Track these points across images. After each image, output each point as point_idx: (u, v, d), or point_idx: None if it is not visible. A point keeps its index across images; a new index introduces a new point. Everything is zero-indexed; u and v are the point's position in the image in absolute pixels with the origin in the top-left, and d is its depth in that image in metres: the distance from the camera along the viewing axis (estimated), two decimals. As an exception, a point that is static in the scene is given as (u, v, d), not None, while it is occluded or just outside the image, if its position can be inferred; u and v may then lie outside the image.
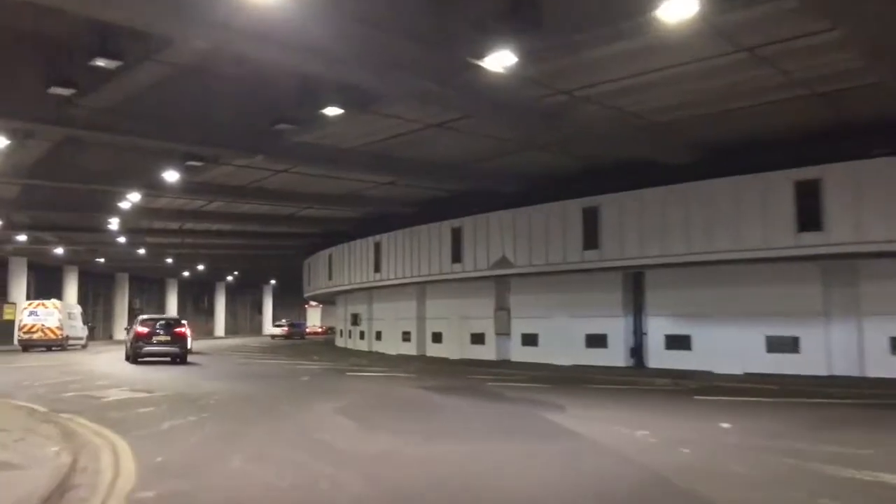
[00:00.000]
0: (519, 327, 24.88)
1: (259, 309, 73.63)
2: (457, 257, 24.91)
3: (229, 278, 62.74)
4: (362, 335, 35.37)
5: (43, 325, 32.41)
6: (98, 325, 53.83)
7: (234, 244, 38.53)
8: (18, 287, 39.67)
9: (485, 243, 23.71)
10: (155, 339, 23.16)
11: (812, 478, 6.97)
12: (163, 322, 24.48)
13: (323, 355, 31.58)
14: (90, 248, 38.51)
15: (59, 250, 37.03)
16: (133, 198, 22.14)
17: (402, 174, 20.88)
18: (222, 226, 31.67)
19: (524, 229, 22.29)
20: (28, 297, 42.15)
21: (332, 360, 27.40)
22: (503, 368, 21.84)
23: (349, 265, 33.64)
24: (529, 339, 24.36)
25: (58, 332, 32.55)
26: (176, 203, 25.57)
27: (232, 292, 68.80)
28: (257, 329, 73.43)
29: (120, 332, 52.27)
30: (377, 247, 30.07)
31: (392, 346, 31.52)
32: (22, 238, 31.56)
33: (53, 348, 32.72)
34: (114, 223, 27.68)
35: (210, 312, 66.92)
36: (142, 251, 39.67)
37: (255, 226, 31.73)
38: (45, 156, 17.43)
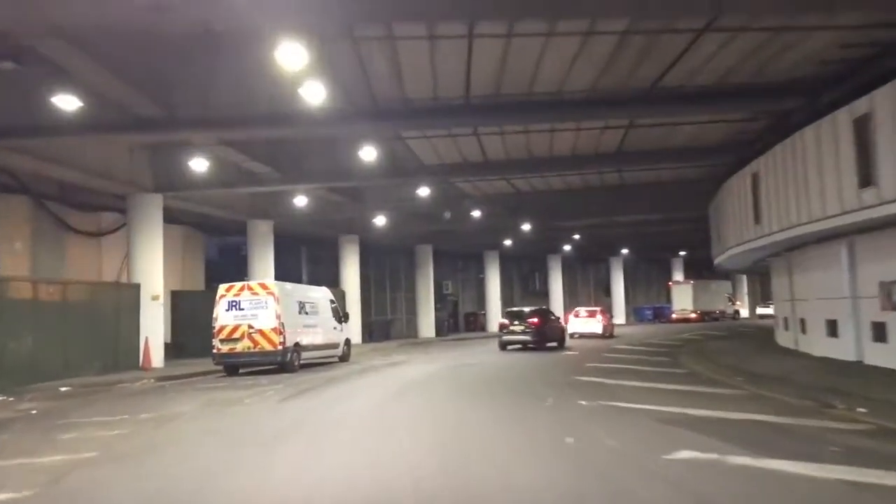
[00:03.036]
0: None
1: (606, 289, 55.59)
2: None
3: (567, 248, 45.44)
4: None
5: (250, 327, 17.81)
6: (399, 316, 40.33)
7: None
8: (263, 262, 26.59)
9: None
10: None
11: None
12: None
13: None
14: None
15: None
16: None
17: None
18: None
19: None
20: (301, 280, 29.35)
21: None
22: None
23: (796, 184, 15.63)
24: None
25: (275, 339, 17.72)
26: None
27: (570, 267, 51.71)
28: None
29: (426, 326, 38.09)
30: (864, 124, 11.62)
31: None
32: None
33: (270, 367, 18.14)
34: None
35: (543, 294, 50.66)
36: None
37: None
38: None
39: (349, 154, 18.96)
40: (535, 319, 24.79)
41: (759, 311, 58.23)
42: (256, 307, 18.09)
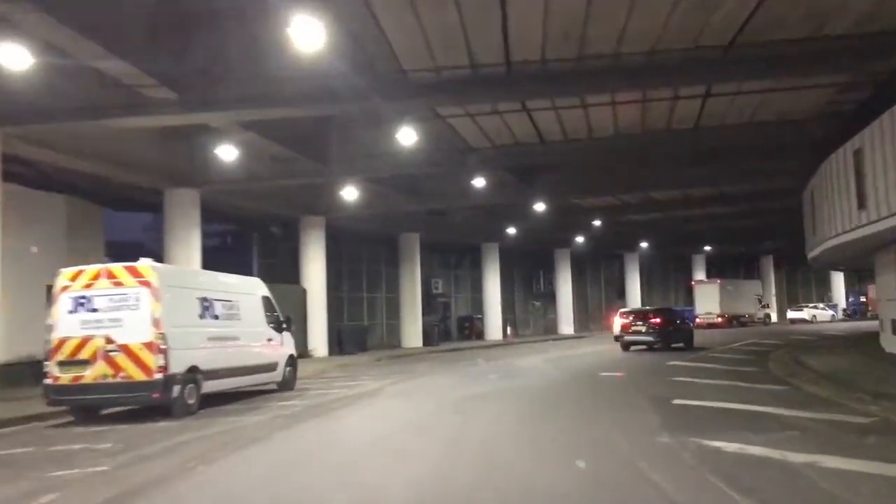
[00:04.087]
0: None
1: (620, 290, 48.39)
2: None
3: (580, 239, 38.12)
4: None
5: (108, 341, 10.44)
6: (378, 321, 33.09)
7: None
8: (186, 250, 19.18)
9: None
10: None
11: None
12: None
13: None
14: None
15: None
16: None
17: None
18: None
19: None
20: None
21: None
22: None
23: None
24: None
25: (150, 361, 10.33)
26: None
27: (577, 265, 44.41)
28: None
29: (412, 334, 30.89)
30: None
31: None
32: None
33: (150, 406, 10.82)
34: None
35: (550, 296, 43.40)
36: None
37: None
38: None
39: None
40: (658, 319, 23.86)
41: (791, 314, 51.34)
42: (120, 307, 10.69)
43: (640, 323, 23.92)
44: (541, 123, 17.12)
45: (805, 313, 50.48)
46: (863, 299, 56.15)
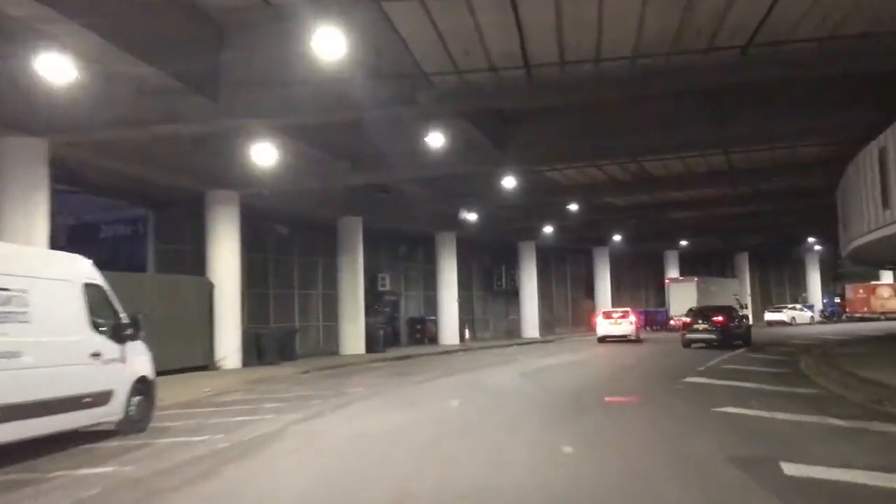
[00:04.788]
0: None
1: (588, 288, 43.84)
2: None
3: (548, 229, 33.23)
4: None
5: None
6: (313, 324, 27.90)
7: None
8: None
9: None
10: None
11: None
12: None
13: None
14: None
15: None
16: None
17: None
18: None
19: None
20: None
21: None
22: None
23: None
24: None
25: None
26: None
27: (542, 260, 39.50)
28: (586, 322, 43.91)
29: (353, 339, 25.78)
30: None
31: None
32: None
33: None
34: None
35: (513, 294, 38.53)
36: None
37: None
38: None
39: None
40: (720, 317, 24.43)
41: (769, 316, 47.54)
42: None
43: (703, 321, 24.53)
44: (529, 30, 11.99)
45: (784, 315, 46.69)
46: (837, 300, 52.99)
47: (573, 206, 27.06)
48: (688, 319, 25.37)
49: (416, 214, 27.75)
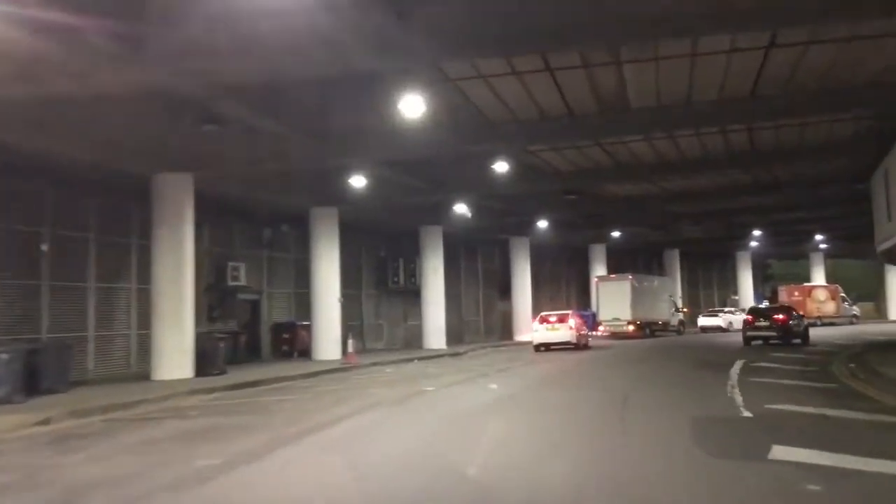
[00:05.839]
0: None
1: (503, 288, 36.47)
2: None
3: (460, 208, 25.40)
4: None
5: None
6: (126, 332, 18.88)
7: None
8: None
9: None
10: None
11: None
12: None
13: None
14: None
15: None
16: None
17: None
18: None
19: None
20: None
21: None
22: None
23: None
24: None
25: None
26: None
27: (449, 254, 31.50)
28: (501, 328, 36.45)
29: (174, 358, 17.08)
30: None
31: None
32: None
33: None
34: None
35: (413, 294, 30.50)
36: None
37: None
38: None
39: None
40: (782, 316, 25.76)
41: (703, 321, 41.83)
42: None
43: (764, 320, 25.82)
44: None
45: (720, 320, 40.98)
46: (766, 303, 48.37)
47: (501, 166, 19.31)
48: (749, 317, 26.59)
49: (281, 179, 19.40)
